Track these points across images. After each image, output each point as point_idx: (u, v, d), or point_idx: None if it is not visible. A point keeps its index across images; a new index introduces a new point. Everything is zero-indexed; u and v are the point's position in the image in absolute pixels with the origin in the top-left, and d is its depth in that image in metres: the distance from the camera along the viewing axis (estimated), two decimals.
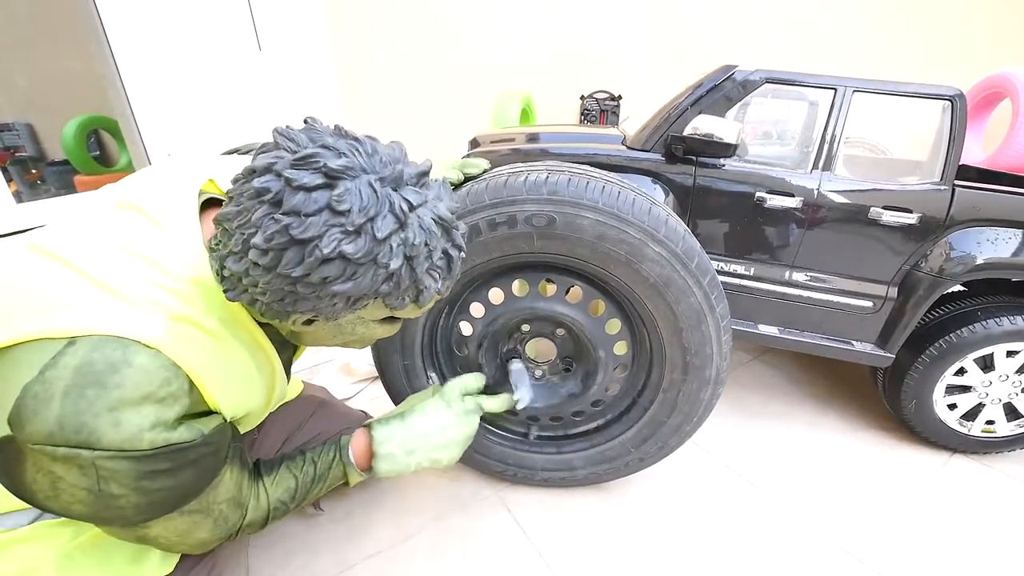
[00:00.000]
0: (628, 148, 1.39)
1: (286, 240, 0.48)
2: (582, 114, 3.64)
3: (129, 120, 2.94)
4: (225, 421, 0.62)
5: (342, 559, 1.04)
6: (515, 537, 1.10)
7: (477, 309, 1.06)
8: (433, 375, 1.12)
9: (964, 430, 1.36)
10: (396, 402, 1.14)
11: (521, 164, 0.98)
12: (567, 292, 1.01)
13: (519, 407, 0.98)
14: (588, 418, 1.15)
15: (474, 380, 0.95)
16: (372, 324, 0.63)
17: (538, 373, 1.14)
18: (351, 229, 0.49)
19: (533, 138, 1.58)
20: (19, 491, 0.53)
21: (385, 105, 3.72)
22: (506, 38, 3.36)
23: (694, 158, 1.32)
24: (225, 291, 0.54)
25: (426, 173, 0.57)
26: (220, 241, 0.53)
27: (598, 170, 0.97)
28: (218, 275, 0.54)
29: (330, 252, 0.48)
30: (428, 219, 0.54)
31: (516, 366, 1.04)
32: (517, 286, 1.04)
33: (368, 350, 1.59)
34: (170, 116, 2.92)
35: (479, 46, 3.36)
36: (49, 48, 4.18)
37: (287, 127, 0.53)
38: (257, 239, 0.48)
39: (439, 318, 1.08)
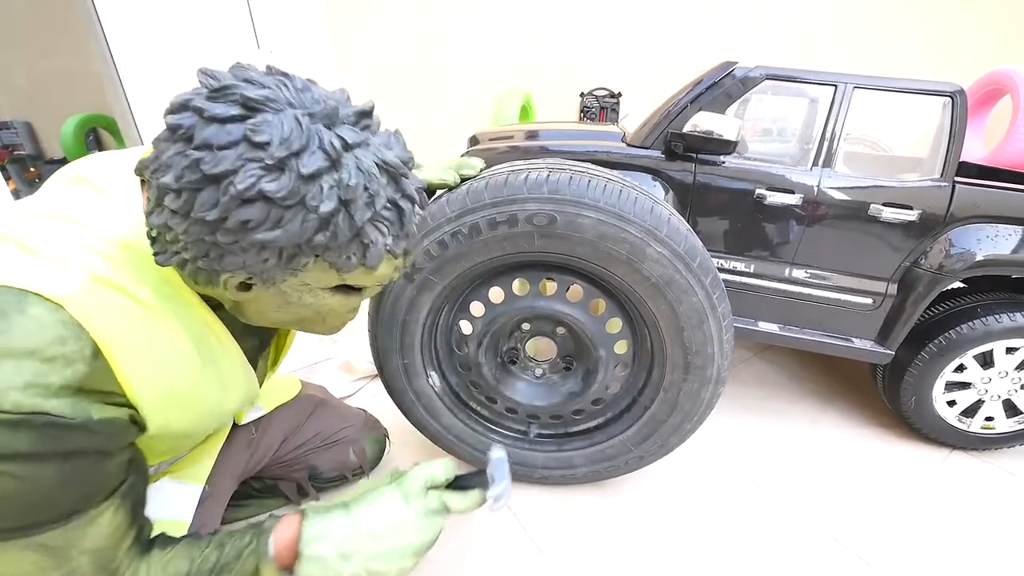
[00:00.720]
0: (628, 145, 1.39)
1: (197, 178, 0.42)
2: (582, 111, 3.64)
3: (128, 118, 2.93)
4: (131, 425, 0.51)
5: None
6: (514, 533, 1.10)
7: (477, 308, 1.06)
8: (433, 374, 1.12)
9: (963, 426, 1.36)
10: (396, 401, 1.14)
11: (521, 162, 0.98)
12: (567, 291, 1.01)
13: (494, 506, 0.70)
14: (588, 416, 1.15)
15: (442, 470, 0.69)
16: (321, 293, 0.54)
17: (538, 372, 1.15)
18: (270, 163, 0.42)
19: (532, 135, 1.58)
20: None
21: (384, 103, 3.71)
22: (505, 36, 3.35)
23: (694, 155, 1.31)
24: (155, 255, 0.48)
25: (367, 114, 0.49)
26: (147, 198, 0.47)
27: (600, 168, 0.97)
28: (149, 239, 0.49)
29: (246, 188, 0.42)
30: (369, 161, 0.47)
31: (497, 454, 0.74)
32: (517, 285, 1.04)
33: (368, 348, 1.59)
34: None
35: (479, 44, 3.35)
36: (47, 46, 4.16)
37: (212, 68, 0.47)
38: (167, 178, 0.43)
39: (439, 316, 1.08)
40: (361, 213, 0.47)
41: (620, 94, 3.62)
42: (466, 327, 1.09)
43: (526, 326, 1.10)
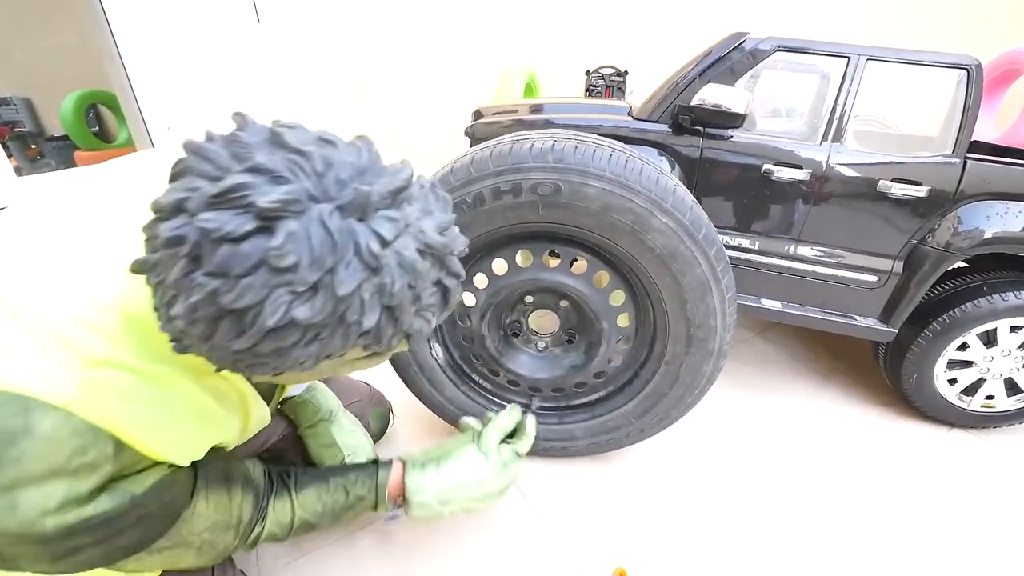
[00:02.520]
0: (634, 119, 1.37)
1: (215, 311, 0.36)
2: (587, 90, 3.58)
3: (128, 94, 2.90)
4: (173, 467, 0.53)
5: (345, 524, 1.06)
6: (517, 504, 1.12)
7: (480, 280, 1.06)
8: (436, 346, 1.13)
9: (963, 405, 1.36)
10: (400, 374, 1.15)
11: (526, 132, 0.97)
12: (571, 264, 1.00)
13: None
14: (590, 389, 1.16)
15: (510, 421, 0.89)
16: (356, 362, 0.53)
17: (541, 345, 1.15)
18: (302, 289, 0.36)
19: (537, 109, 1.56)
20: None
21: (387, 80, 3.66)
22: (510, 12, 3.28)
23: (701, 129, 1.30)
24: (170, 341, 0.43)
25: (403, 188, 0.42)
26: (154, 286, 0.40)
27: (606, 139, 0.95)
28: (159, 316, 0.42)
29: (278, 321, 0.36)
30: (411, 253, 0.41)
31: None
32: (521, 257, 1.04)
33: None
34: (169, 90, 2.88)
35: (483, 21, 3.28)
36: (46, 21, 4.09)
37: (207, 135, 0.40)
38: (178, 309, 0.37)
39: None
40: (406, 312, 0.43)
41: (627, 72, 3.55)
42: (469, 299, 1.09)
43: (529, 299, 1.10)
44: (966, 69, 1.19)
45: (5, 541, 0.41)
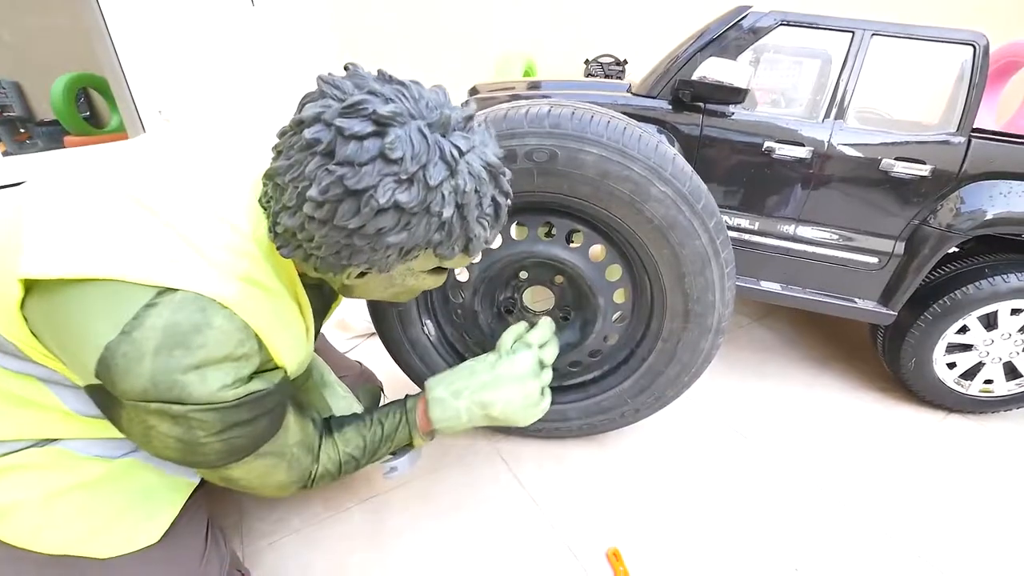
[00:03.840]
0: (633, 95, 1.34)
1: (341, 191, 0.48)
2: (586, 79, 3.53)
3: (119, 78, 2.84)
4: (287, 374, 0.64)
5: (335, 504, 1.04)
6: (510, 486, 1.10)
7: None
8: (428, 322, 1.10)
9: (961, 389, 1.35)
10: (391, 351, 1.12)
11: (522, 99, 0.94)
12: (567, 238, 0.98)
13: (392, 474, 0.87)
14: (585, 369, 1.13)
15: (523, 327, 0.90)
16: (421, 275, 0.65)
17: (535, 322, 1.12)
18: (404, 178, 0.49)
19: (534, 86, 1.52)
20: (118, 429, 0.57)
21: (383, 64, 3.60)
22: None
23: (702, 105, 1.27)
24: (279, 247, 0.55)
25: (472, 117, 0.56)
26: (272, 197, 0.54)
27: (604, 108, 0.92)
28: (271, 232, 0.56)
29: (386, 202, 0.48)
30: (477, 165, 0.54)
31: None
32: (515, 230, 1.01)
33: (364, 307, 1.58)
34: (161, 74, 2.81)
35: (481, 6, 3.23)
36: (35, 2, 4.00)
37: (330, 74, 0.52)
38: (312, 192, 0.48)
39: None
40: (472, 214, 0.55)
41: (626, 61, 3.51)
42: (462, 274, 1.06)
43: (523, 274, 1.08)
44: (973, 46, 1.16)
45: (196, 408, 0.52)
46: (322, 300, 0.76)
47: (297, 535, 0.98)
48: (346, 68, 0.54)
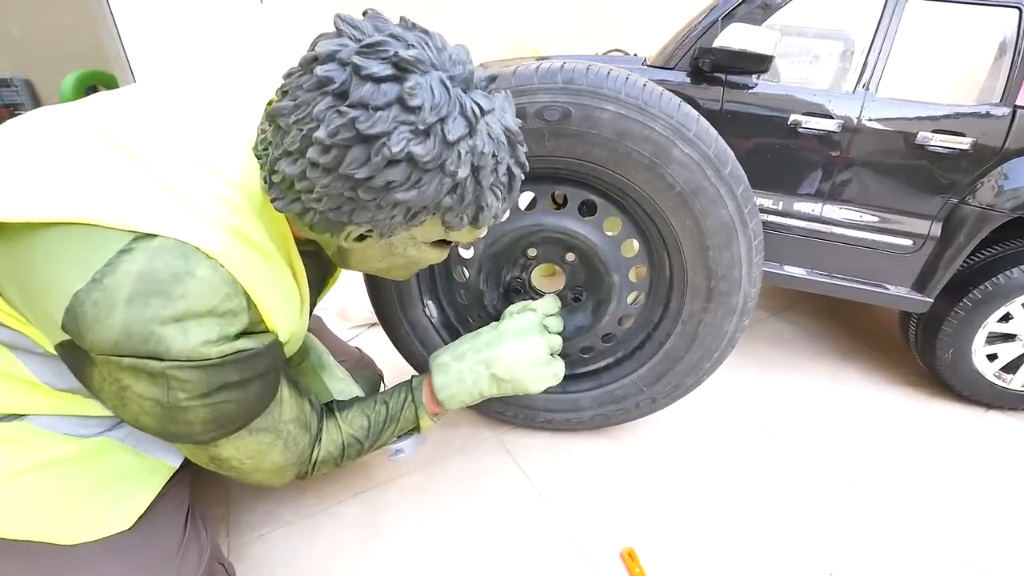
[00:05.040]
0: (649, 67, 1.26)
1: (352, 135, 0.44)
2: None
3: (127, 75, 2.82)
4: (278, 340, 0.58)
5: (328, 496, 0.97)
6: (515, 478, 1.03)
7: None
8: (430, 303, 1.03)
9: (1002, 383, 1.26)
10: (390, 334, 1.05)
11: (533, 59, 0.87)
12: (579, 210, 0.90)
13: (398, 457, 0.91)
14: (598, 355, 1.05)
15: (528, 302, 0.85)
16: (424, 246, 0.59)
17: None
18: (422, 128, 0.44)
19: (544, 59, 1.45)
20: (92, 392, 0.51)
21: None
22: None
23: (723, 77, 1.19)
24: (274, 200, 0.50)
25: (495, 79, 0.52)
26: (271, 143, 0.49)
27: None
28: (266, 182, 0.50)
29: (399, 152, 0.44)
30: (497, 128, 0.50)
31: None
32: (524, 202, 0.94)
33: (364, 297, 1.51)
34: (169, 71, 2.79)
35: (485, 2, 3.18)
36: (42, 1, 4.01)
37: (349, 15, 0.48)
38: (320, 133, 0.44)
39: None
40: (487, 179, 0.51)
41: (636, 56, 3.44)
42: (466, 252, 0.99)
43: (532, 252, 1.00)
44: (1019, 9, 1.08)
45: (175, 364, 0.46)
46: (319, 269, 0.70)
47: (287, 528, 0.91)
48: (365, 13, 0.49)
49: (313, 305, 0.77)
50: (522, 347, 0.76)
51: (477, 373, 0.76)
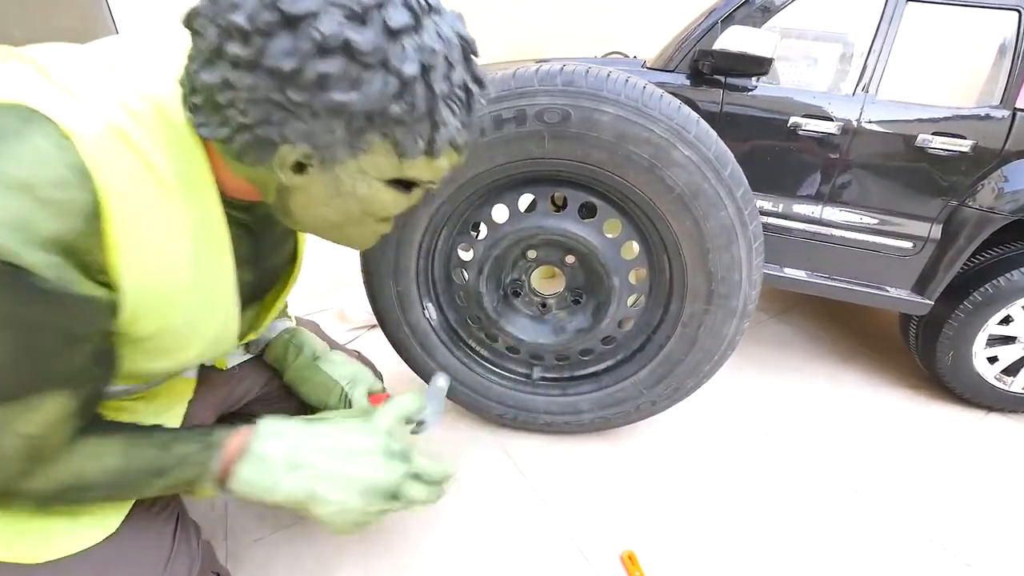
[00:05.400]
0: (648, 69, 1.27)
1: (275, 19, 0.37)
2: None
3: None
4: (108, 312, 0.43)
5: None
6: (515, 481, 1.02)
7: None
8: (429, 305, 1.03)
9: (1003, 386, 1.25)
10: (389, 337, 1.05)
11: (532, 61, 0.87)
12: (580, 212, 0.90)
13: (416, 429, 0.73)
14: (598, 357, 1.05)
15: (413, 405, 0.65)
16: (377, 184, 0.48)
17: (544, 306, 1.05)
18: (358, 11, 0.38)
19: (543, 62, 1.45)
20: None
21: None
22: None
23: (722, 79, 1.19)
24: (199, 127, 0.42)
25: None
26: (191, 56, 0.41)
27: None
28: (188, 105, 0.42)
29: (331, 35, 0.37)
30: (448, 30, 0.43)
31: (440, 383, 0.78)
32: (523, 204, 0.94)
33: (363, 299, 1.51)
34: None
35: (485, 4, 3.18)
36: (46, 4, 4.03)
37: None
38: (238, 17, 0.37)
39: (436, 239, 0.97)
40: (439, 85, 0.43)
41: (636, 58, 3.44)
42: (466, 254, 0.99)
43: (532, 254, 1.00)
44: (1018, 11, 1.08)
45: None
46: (252, 246, 0.58)
47: (287, 532, 0.91)
48: None
49: (261, 301, 0.68)
50: (364, 495, 0.56)
51: (294, 494, 0.54)
